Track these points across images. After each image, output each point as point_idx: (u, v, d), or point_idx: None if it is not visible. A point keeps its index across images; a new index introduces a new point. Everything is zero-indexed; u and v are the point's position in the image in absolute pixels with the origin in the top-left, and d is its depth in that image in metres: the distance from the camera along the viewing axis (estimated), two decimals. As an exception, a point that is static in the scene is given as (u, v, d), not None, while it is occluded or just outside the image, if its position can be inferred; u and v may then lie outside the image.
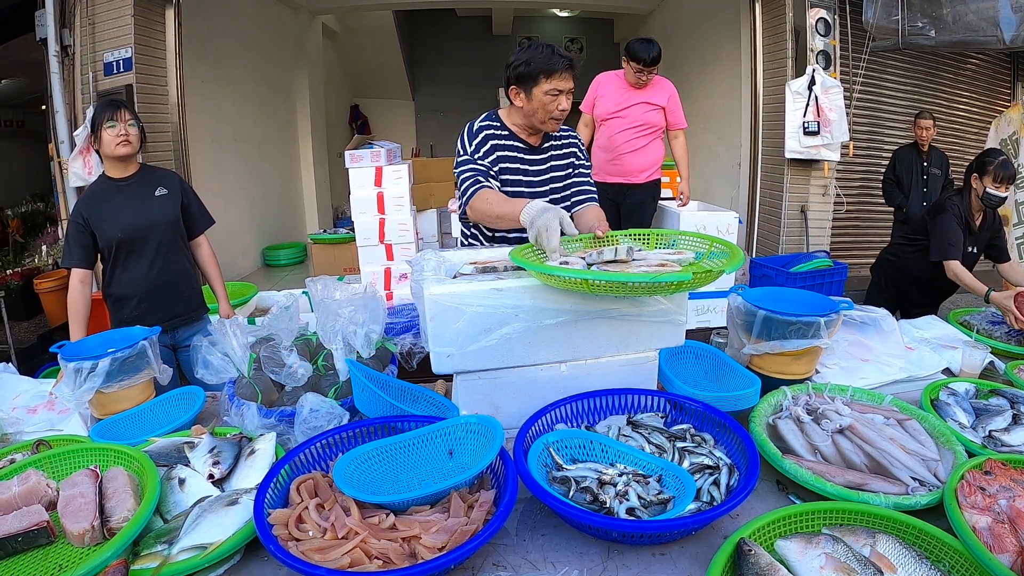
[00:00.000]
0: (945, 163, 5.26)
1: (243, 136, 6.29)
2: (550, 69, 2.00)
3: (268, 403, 1.67)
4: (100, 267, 2.46)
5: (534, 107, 2.07)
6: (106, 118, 2.28)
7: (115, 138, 2.29)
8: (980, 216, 2.98)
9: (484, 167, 2.13)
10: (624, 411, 1.59)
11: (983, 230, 2.99)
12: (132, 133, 2.32)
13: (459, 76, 11.77)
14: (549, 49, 2.02)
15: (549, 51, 2.01)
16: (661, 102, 3.96)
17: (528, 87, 2.05)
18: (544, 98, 2.04)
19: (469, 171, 2.12)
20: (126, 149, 2.32)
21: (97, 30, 4.25)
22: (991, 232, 3.01)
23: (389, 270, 4.01)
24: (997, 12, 4.61)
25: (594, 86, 4.06)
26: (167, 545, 1.15)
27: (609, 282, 1.33)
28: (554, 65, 2.00)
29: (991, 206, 2.90)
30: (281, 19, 7.28)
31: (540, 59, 2.01)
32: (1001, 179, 2.78)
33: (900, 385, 1.90)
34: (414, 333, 1.88)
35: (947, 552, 1.09)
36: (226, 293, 2.74)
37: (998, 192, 2.80)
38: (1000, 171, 2.78)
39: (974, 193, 2.91)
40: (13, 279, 5.55)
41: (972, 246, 2.97)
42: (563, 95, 2.05)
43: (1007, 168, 2.79)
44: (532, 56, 2.02)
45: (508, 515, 1.14)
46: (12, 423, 1.79)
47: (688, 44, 7.83)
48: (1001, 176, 2.78)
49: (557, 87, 2.02)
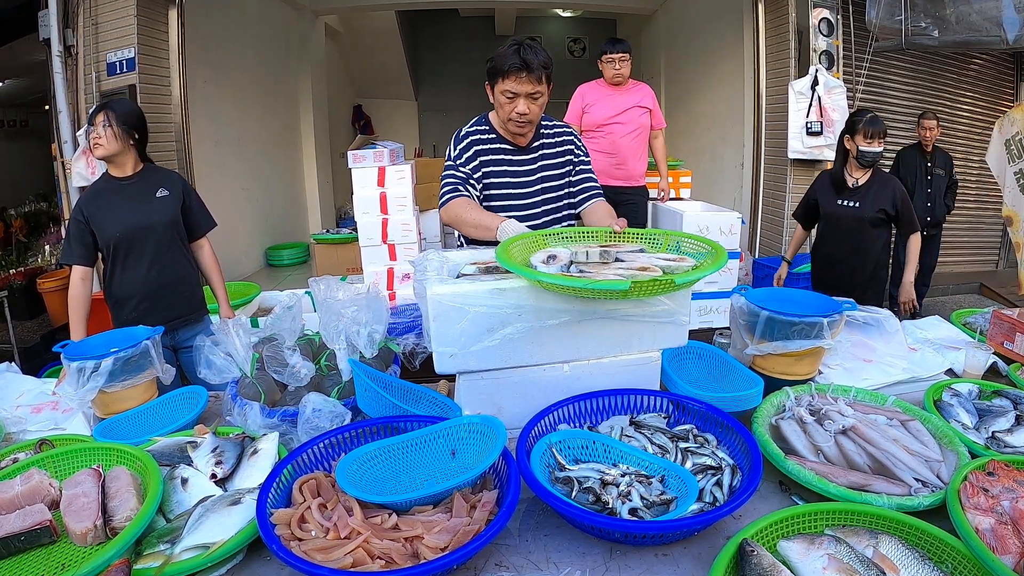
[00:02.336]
0: (949, 163, 5.24)
1: (246, 136, 6.31)
2: (503, 69, 1.94)
3: (271, 403, 1.67)
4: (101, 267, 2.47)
5: (496, 106, 2.05)
6: (90, 121, 2.31)
7: (92, 141, 2.31)
8: (864, 175, 3.17)
9: (464, 175, 2.13)
10: (627, 411, 1.59)
11: (870, 189, 3.15)
12: (105, 135, 2.31)
13: (462, 76, 11.78)
14: (514, 47, 1.94)
15: (512, 50, 1.94)
16: (649, 104, 4.16)
17: (492, 84, 2.03)
18: (501, 98, 2.00)
19: (448, 178, 2.14)
20: (99, 151, 2.33)
21: (100, 30, 4.27)
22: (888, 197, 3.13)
23: (392, 270, 4.01)
24: (1000, 12, 4.61)
25: (579, 97, 4.17)
26: (170, 544, 1.16)
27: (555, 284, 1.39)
28: (505, 65, 1.93)
29: (868, 162, 3.09)
30: (284, 19, 7.29)
31: (500, 58, 1.95)
32: (871, 135, 3.02)
33: (903, 386, 1.89)
34: (417, 333, 1.88)
35: (950, 553, 1.08)
36: (227, 295, 2.75)
37: (871, 148, 3.04)
38: (869, 127, 3.01)
39: (850, 154, 3.15)
40: (16, 279, 5.58)
41: (849, 200, 3.19)
42: (520, 98, 1.98)
43: (876, 124, 3.03)
44: (499, 54, 1.97)
45: (511, 515, 1.14)
46: (15, 422, 1.79)
47: (691, 44, 7.83)
48: (871, 132, 3.01)
49: (511, 89, 1.96)
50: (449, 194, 2.12)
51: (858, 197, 3.15)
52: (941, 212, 5.23)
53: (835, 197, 3.22)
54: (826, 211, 3.28)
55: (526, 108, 2.01)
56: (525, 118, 2.04)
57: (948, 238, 6.03)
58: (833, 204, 3.23)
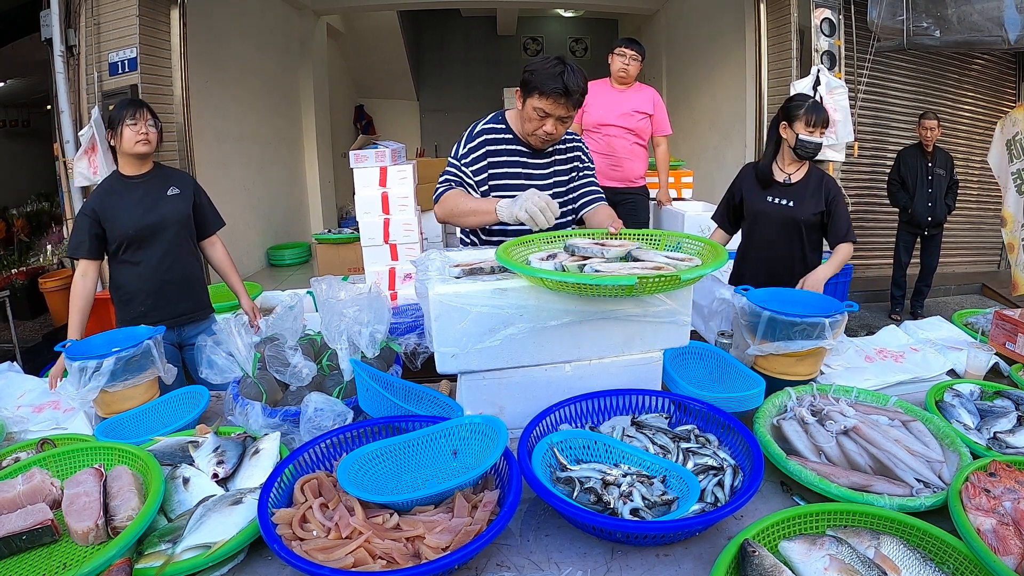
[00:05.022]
0: (950, 164, 5.25)
1: (248, 136, 6.31)
2: (543, 88, 1.95)
3: (272, 403, 1.67)
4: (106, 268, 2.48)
5: (524, 116, 2.07)
6: (127, 115, 2.32)
7: (136, 135, 2.33)
8: (799, 169, 2.64)
9: (462, 175, 2.15)
10: (628, 412, 1.59)
11: (807, 187, 2.62)
12: (152, 133, 2.37)
13: (463, 76, 11.80)
14: (559, 69, 1.94)
15: (556, 71, 1.94)
16: (649, 110, 4.12)
17: (525, 95, 2.04)
18: (531, 112, 2.02)
19: (446, 175, 2.17)
20: (145, 148, 2.36)
21: (102, 30, 4.27)
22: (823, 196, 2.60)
23: (393, 270, 4.01)
24: (1002, 12, 4.60)
25: None
26: (171, 544, 1.16)
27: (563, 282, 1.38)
28: (547, 86, 1.94)
29: (807, 154, 2.55)
30: (286, 19, 7.30)
31: (542, 74, 1.95)
32: (814, 123, 2.50)
33: (905, 386, 1.89)
34: (418, 333, 1.88)
35: (951, 554, 1.08)
36: (245, 288, 2.79)
37: (812, 137, 2.51)
38: (812, 114, 2.50)
39: (785, 144, 2.62)
40: (18, 278, 5.59)
41: (780, 198, 2.64)
42: (550, 119, 2.01)
43: (819, 111, 2.52)
44: (540, 68, 1.97)
45: (512, 515, 1.14)
46: (17, 422, 1.80)
47: (692, 44, 7.83)
48: (814, 120, 2.50)
49: (544, 108, 1.98)
50: (443, 188, 2.15)
51: (792, 195, 2.62)
52: (942, 212, 5.23)
53: (763, 194, 2.68)
54: (753, 209, 2.71)
55: (554, 129, 2.04)
56: (551, 137, 2.07)
57: (949, 239, 6.04)
58: (762, 201, 2.67)
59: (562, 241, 1.75)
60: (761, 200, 2.68)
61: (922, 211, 5.21)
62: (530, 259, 1.59)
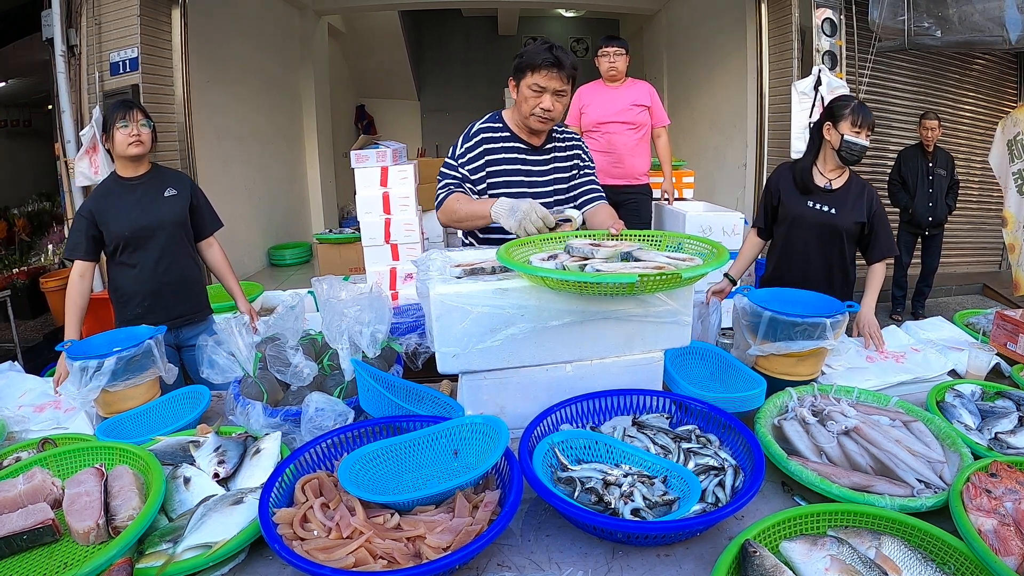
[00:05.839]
0: (950, 164, 5.25)
1: (249, 136, 6.31)
2: (535, 63, 2.00)
3: (273, 402, 1.67)
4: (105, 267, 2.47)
5: (520, 100, 2.09)
6: (118, 117, 2.30)
7: (127, 138, 2.31)
8: (840, 175, 2.50)
9: (461, 176, 2.16)
10: (629, 412, 1.59)
11: (848, 194, 2.48)
12: (144, 133, 2.35)
13: (464, 76, 11.80)
14: (545, 45, 2.02)
15: (544, 48, 2.01)
16: (646, 102, 4.13)
17: (518, 79, 2.07)
18: (527, 92, 2.05)
19: (444, 178, 2.19)
20: (138, 149, 2.34)
21: (103, 30, 4.27)
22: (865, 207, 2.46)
23: (395, 270, 4.01)
24: (1003, 12, 4.59)
25: (576, 99, 4.18)
26: (172, 544, 1.16)
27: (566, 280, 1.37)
28: (538, 60, 2.00)
29: (852, 156, 2.40)
30: (287, 19, 7.30)
31: (531, 53, 2.02)
32: (860, 124, 2.35)
33: (906, 387, 1.89)
34: (419, 333, 1.88)
35: (952, 555, 1.08)
36: (242, 290, 2.77)
37: (858, 139, 2.35)
38: (858, 115, 2.35)
39: (827, 147, 2.47)
40: (19, 278, 5.60)
41: (822, 204, 2.49)
42: (547, 94, 2.04)
43: (866, 112, 2.37)
44: (529, 50, 2.03)
45: (513, 515, 1.14)
46: (18, 421, 1.80)
47: (693, 44, 7.83)
48: (860, 120, 2.35)
49: (540, 83, 2.02)
50: (443, 194, 2.17)
51: (833, 202, 2.47)
52: (942, 212, 5.23)
53: (803, 198, 2.52)
54: (793, 212, 2.54)
55: (551, 104, 2.06)
56: (549, 114, 2.08)
57: (950, 239, 6.03)
58: (802, 205, 2.51)
59: (563, 242, 1.75)
60: (801, 204, 2.53)
61: (923, 211, 5.20)
62: (532, 259, 1.59)
